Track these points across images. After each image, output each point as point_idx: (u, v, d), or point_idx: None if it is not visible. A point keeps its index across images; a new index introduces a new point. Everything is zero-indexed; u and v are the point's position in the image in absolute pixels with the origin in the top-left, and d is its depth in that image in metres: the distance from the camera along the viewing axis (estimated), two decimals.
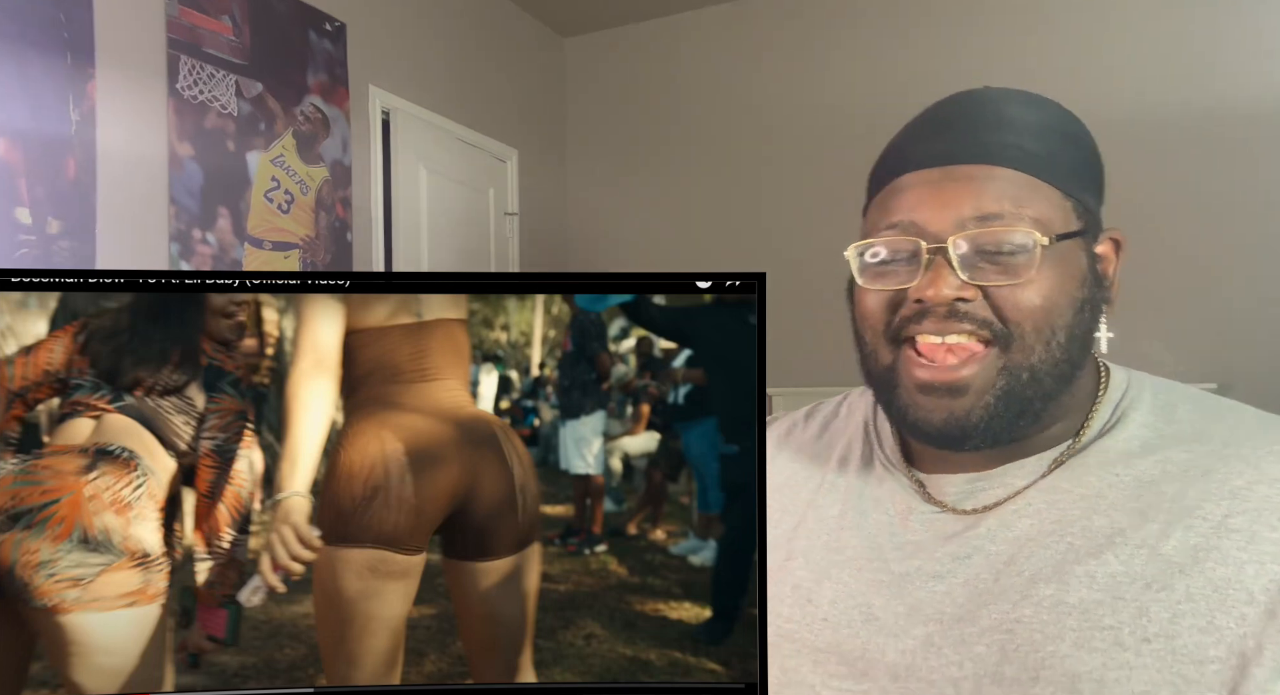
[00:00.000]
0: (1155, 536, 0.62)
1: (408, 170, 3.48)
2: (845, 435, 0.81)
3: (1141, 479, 0.66)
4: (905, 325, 0.66)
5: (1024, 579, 0.64)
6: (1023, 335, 0.64)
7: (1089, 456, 0.68)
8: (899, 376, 0.67)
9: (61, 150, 2.31)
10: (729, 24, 4.21)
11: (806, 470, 0.80)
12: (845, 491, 0.76)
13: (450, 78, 3.76)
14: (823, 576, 0.71)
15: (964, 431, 0.65)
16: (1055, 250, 0.64)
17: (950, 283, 0.64)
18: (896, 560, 0.70)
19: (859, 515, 0.74)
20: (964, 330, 0.64)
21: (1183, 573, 0.60)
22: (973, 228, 0.64)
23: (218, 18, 2.74)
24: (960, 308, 0.64)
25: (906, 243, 0.66)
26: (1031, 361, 0.65)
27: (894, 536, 0.71)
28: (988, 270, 0.64)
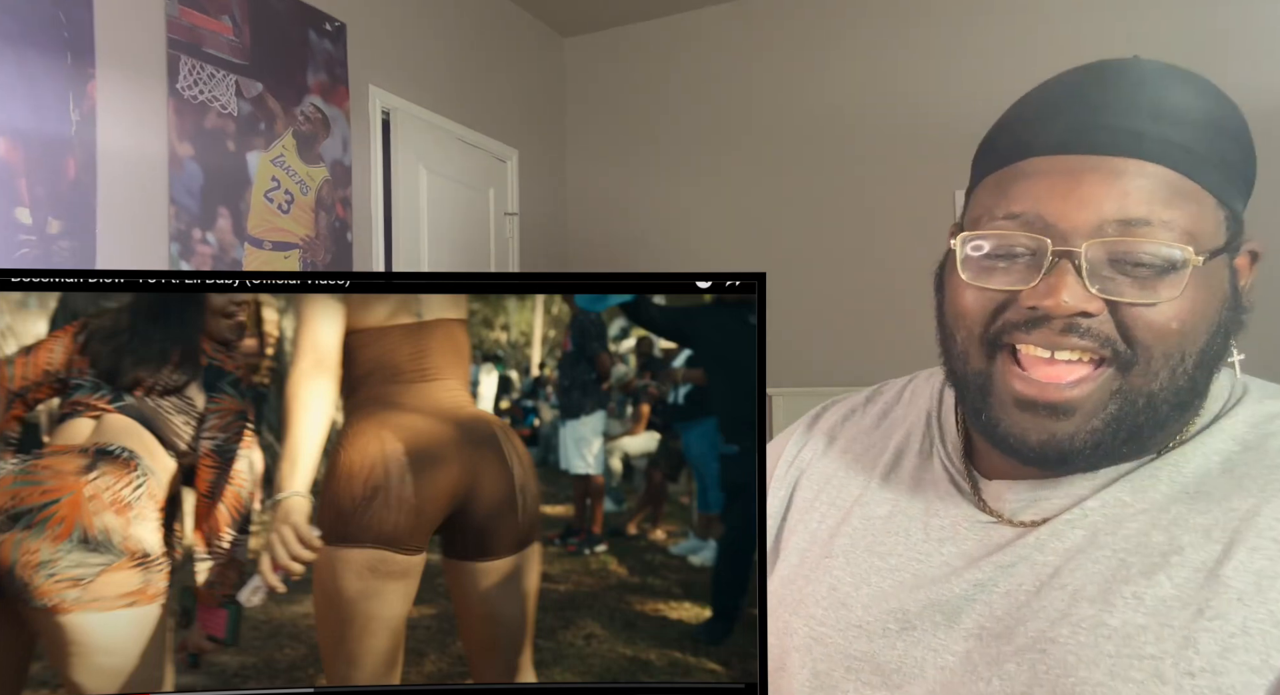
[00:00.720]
0: (1216, 558, 0.55)
1: (408, 170, 3.48)
2: (905, 425, 0.75)
3: (1213, 496, 0.58)
4: (1009, 331, 0.59)
5: (1066, 594, 0.58)
6: (1149, 360, 0.56)
7: (1160, 468, 0.60)
8: (994, 385, 0.60)
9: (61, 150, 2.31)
10: (729, 24, 4.21)
11: (859, 463, 0.75)
12: (896, 491, 0.71)
13: (450, 78, 3.76)
14: (861, 581, 0.67)
15: (1063, 456, 0.58)
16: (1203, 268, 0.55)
17: (1076, 293, 0.55)
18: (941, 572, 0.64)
19: (908, 519, 0.68)
20: (1080, 347, 0.56)
21: (1242, 601, 0.53)
22: (1113, 233, 0.55)
23: (218, 18, 2.74)
24: (1080, 322, 0.56)
25: (1028, 240, 0.57)
26: (1152, 388, 0.57)
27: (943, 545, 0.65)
28: (1121, 283, 0.55)
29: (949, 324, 0.63)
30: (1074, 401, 0.57)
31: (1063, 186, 0.56)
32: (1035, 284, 0.56)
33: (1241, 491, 0.57)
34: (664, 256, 4.25)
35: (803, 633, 0.68)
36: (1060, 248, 0.55)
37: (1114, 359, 0.56)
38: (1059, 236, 0.56)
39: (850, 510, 0.72)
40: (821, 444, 0.79)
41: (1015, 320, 0.58)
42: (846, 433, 0.78)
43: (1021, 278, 0.57)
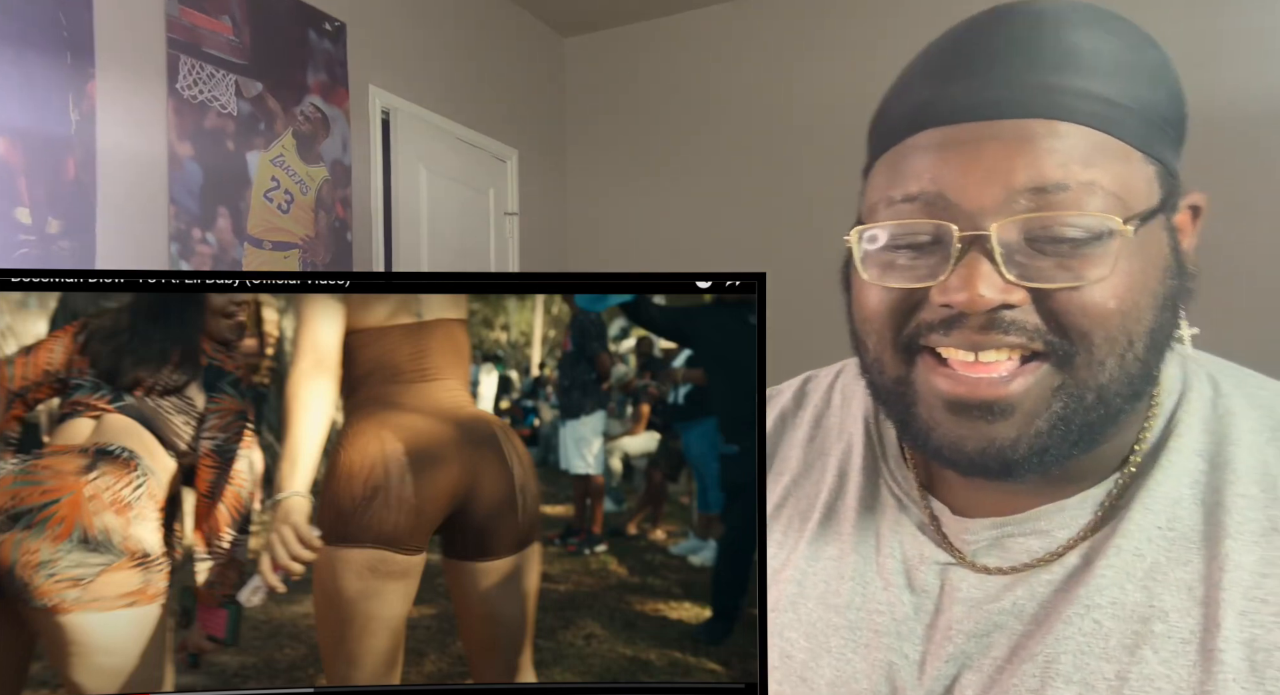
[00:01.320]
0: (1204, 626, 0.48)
1: (408, 170, 3.48)
2: (843, 437, 0.66)
3: (1189, 537, 0.50)
4: (925, 333, 0.51)
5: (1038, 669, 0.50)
6: (1090, 348, 0.48)
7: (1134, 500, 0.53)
8: (917, 391, 0.52)
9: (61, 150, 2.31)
10: (729, 24, 4.21)
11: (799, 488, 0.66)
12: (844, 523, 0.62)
13: (450, 78, 3.76)
14: (821, 649, 0.58)
15: (1006, 465, 0.50)
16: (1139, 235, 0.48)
17: (991, 283, 0.47)
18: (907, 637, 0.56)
19: (860, 560, 0.59)
20: (1007, 344, 0.48)
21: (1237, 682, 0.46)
22: (1025, 207, 0.47)
23: (218, 18, 2.74)
24: (1003, 315, 0.48)
25: (931, 226, 0.49)
26: (1101, 380, 0.48)
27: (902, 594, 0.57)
28: (1044, 265, 0.47)
29: (859, 329, 0.55)
30: (1011, 398, 0.49)
31: (962, 159, 0.48)
32: (945, 278, 0.48)
33: (1218, 530, 0.50)
34: (664, 256, 4.25)
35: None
36: (968, 232, 0.47)
37: (1049, 353, 0.48)
38: (965, 219, 0.48)
39: (796, 547, 0.63)
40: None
41: (930, 321, 0.50)
42: (782, 450, 0.69)
43: (929, 272, 0.49)
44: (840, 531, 0.62)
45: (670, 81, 4.35)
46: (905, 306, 0.51)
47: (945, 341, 0.50)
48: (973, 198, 0.48)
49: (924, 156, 0.50)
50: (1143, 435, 0.54)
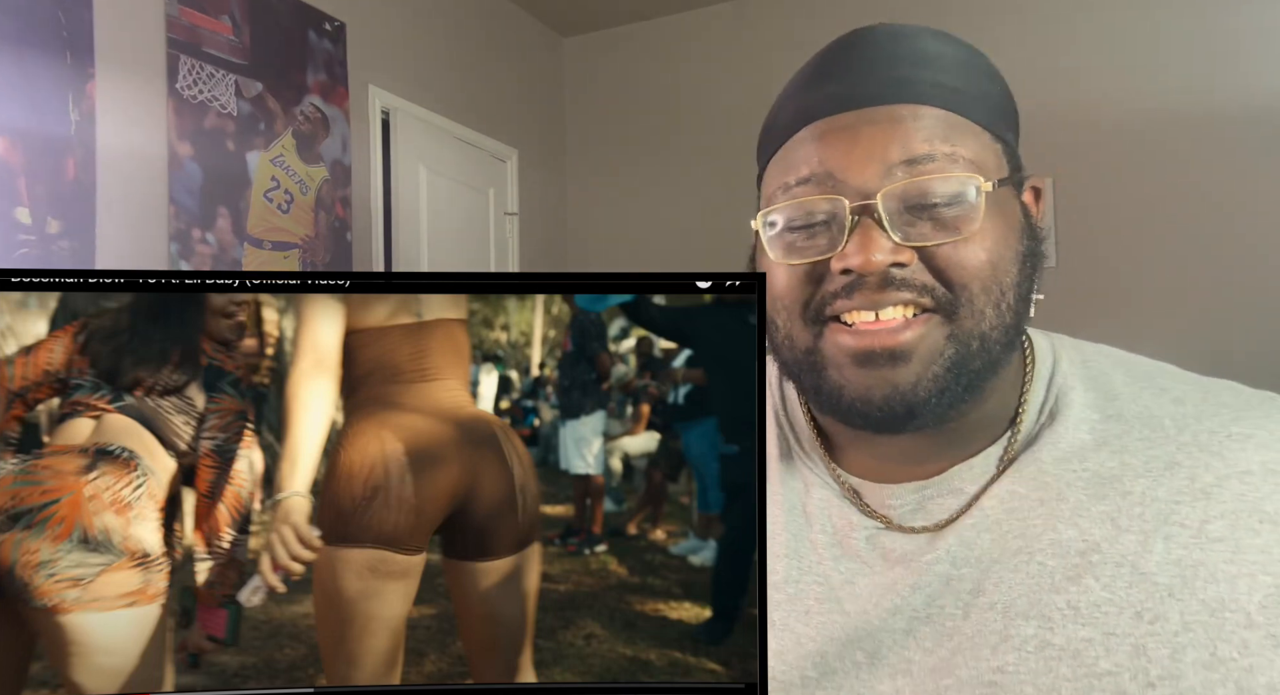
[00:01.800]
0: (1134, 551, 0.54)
1: (408, 170, 3.48)
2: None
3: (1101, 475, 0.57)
4: (830, 302, 0.57)
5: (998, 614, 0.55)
6: (970, 299, 0.55)
7: (1040, 450, 0.59)
8: (825, 356, 0.58)
9: (61, 150, 2.31)
10: (729, 24, 4.21)
11: None
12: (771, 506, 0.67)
13: (450, 78, 3.76)
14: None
15: (910, 408, 0.56)
16: (994, 198, 0.56)
17: (882, 246, 0.54)
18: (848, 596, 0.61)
19: (793, 537, 0.65)
20: (902, 300, 0.55)
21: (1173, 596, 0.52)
22: (902, 176, 0.55)
23: (218, 17, 2.74)
24: (895, 274, 0.55)
25: (825, 202, 0.56)
26: (982, 328, 0.56)
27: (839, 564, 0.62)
28: (924, 227, 0.55)
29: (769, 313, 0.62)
30: (910, 344, 0.55)
31: (845, 141, 0.56)
32: (843, 247, 0.55)
33: (1128, 471, 0.57)
34: (664, 256, 4.25)
35: None
36: (857, 203, 0.55)
37: (937, 307, 0.56)
38: (853, 193, 0.55)
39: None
40: None
41: (833, 289, 0.57)
42: None
43: (829, 245, 0.57)
44: (770, 514, 0.67)
45: (670, 81, 4.35)
46: (810, 280, 0.58)
47: (849, 304, 0.57)
48: (856, 174, 0.55)
49: (811, 145, 0.58)
50: (1025, 397, 0.62)
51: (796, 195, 0.58)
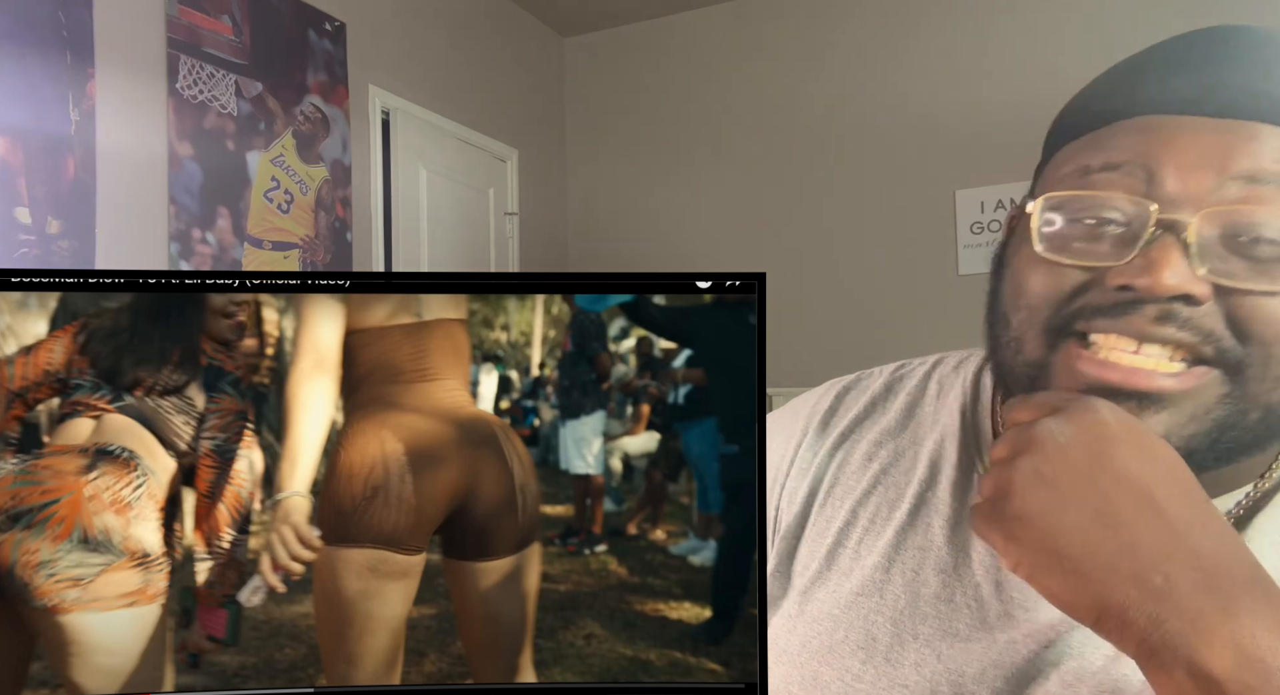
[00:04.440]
0: None
1: (408, 170, 3.48)
2: (937, 427, 0.65)
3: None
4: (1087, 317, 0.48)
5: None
6: (1267, 361, 0.46)
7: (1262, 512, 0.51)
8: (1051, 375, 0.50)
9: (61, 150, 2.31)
10: (729, 24, 4.21)
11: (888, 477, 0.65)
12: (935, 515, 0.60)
13: (450, 77, 3.76)
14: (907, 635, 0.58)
15: None
16: None
17: (1180, 271, 0.45)
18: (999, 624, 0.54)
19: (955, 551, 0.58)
20: (1175, 341, 0.46)
21: None
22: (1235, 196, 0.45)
23: (218, 17, 2.74)
24: (1180, 310, 0.45)
25: (1127, 202, 0.47)
26: (1269, 400, 0.46)
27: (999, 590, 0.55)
28: (1236, 266, 0.45)
29: (1004, 307, 0.53)
30: (1169, 392, 0.46)
31: (1177, 140, 0.46)
32: (1130, 258, 0.46)
33: None
34: (664, 256, 4.25)
35: (835, 687, 0.61)
36: (1166, 216, 0.45)
37: (1218, 360, 0.46)
38: (1166, 201, 0.46)
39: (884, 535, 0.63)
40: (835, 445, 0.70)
41: (1099, 303, 0.47)
42: (869, 434, 0.68)
43: (1111, 253, 0.47)
44: (930, 524, 0.61)
45: (670, 81, 4.35)
46: (1073, 287, 0.49)
47: (1109, 327, 0.47)
48: (1180, 178, 0.46)
49: (1135, 134, 0.48)
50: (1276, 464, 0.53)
51: (1096, 184, 0.48)
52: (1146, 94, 0.49)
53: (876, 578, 0.62)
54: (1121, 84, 0.51)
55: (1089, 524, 0.42)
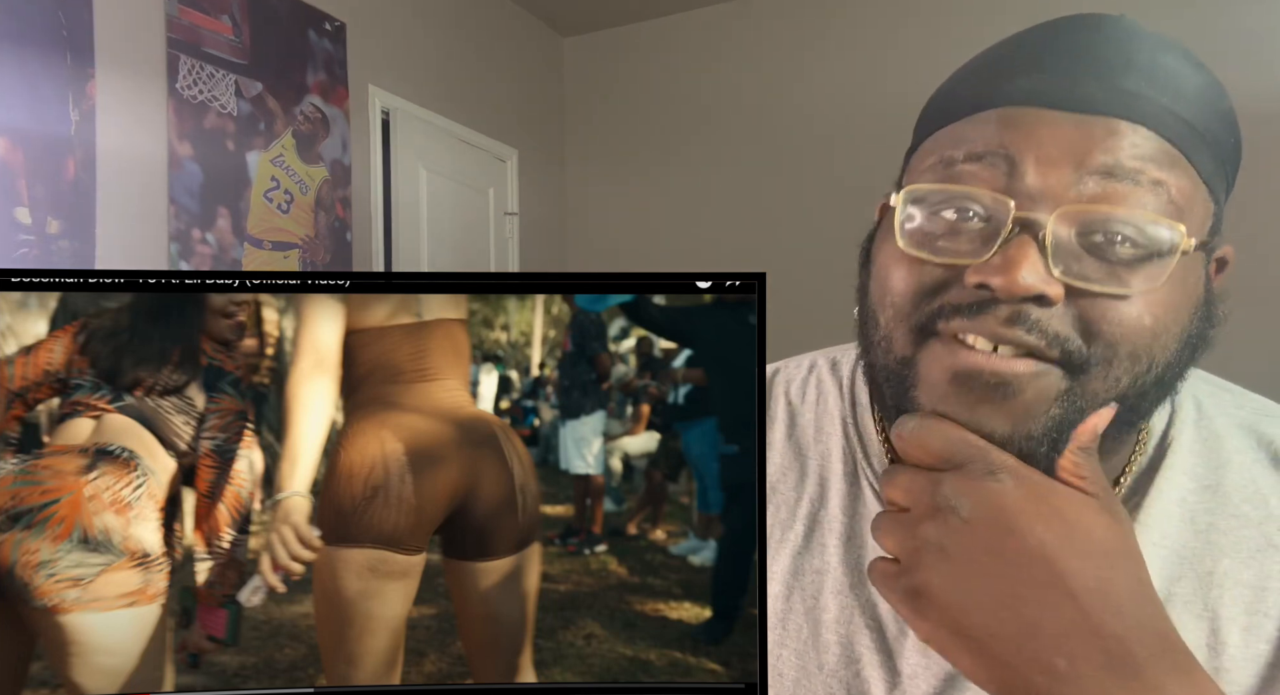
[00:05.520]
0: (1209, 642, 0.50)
1: (408, 170, 3.48)
2: (820, 440, 0.65)
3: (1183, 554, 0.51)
4: (947, 316, 0.48)
5: None
6: (1110, 362, 0.46)
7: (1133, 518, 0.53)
8: (919, 372, 0.50)
9: (61, 150, 2.31)
10: (729, 24, 4.21)
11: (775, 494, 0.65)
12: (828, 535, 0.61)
13: (450, 78, 3.76)
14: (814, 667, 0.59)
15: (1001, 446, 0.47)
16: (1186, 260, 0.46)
17: (1035, 270, 0.45)
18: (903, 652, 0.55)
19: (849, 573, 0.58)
20: (1025, 343, 0.46)
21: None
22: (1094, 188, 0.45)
23: (218, 17, 2.74)
24: (1032, 312, 0.46)
25: (986, 196, 0.47)
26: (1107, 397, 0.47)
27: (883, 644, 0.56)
28: (1090, 267, 0.46)
29: (872, 305, 0.53)
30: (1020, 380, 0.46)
31: (1039, 133, 0.46)
32: (989, 257, 0.46)
33: (1212, 549, 0.51)
34: (664, 256, 4.25)
35: None
36: (1024, 213, 0.45)
37: (1064, 360, 0.47)
38: (1025, 196, 0.46)
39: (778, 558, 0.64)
40: None
41: (956, 302, 0.47)
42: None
43: (970, 250, 0.47)
44: (825, 544, 0.62)
45: (670, 81, 4.35)
46: (933, 283, 0.49)
47: (966, 327, 0.47)
48: (1040, 172, 0.46)
49: (997, 125, 0.48)
50: (1135, 457, 0.55)
51: (959, 176, 0.48)
52: (1011, 85, 0.49)
53: (778, 607, 0.62)
54: (986, 73, 0.51)
55: (993, 604, 0.42)
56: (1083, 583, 0.41)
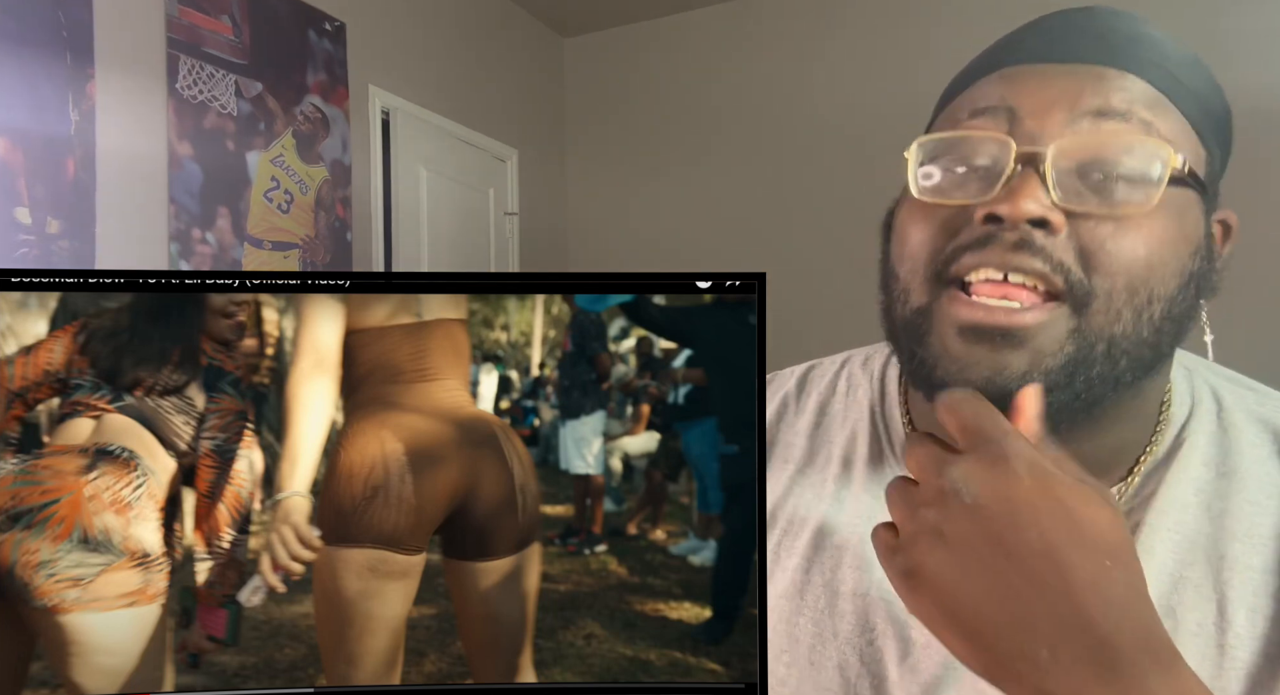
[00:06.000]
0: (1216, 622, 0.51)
1: (408, 170, 3.48)
2: (848, 424, 0.68)
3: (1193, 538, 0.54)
4: (960, 255, 0.51)
5: None
6: (1110, 294, 0.49)
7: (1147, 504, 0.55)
8: (933, 320, 0.53)
9: (61, 150, 2.31)
10: (729, 24, 4.21)
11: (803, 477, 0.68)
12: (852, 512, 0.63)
13: (450, 78, 3.76)
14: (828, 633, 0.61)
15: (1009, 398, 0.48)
16: (1176, 196, 0.49)
17: (1038, 196, 0.48)
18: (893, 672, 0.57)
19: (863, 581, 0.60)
20: (1033, 270, 0.49)
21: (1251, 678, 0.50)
22: (1087, 127, 0.50)
23: (217, 17, 2.74)
24: (1036, 238, 0.49)
25: (990, 142, 0.51)
26: (1114, 332, 0.49)
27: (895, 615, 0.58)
28: (1089, 198, 0.49)
29: (892, 265, 0.57)
30: (1027, 329, 0.49)
31: (1035, 82, 0.52)
32: (994, 192, 0.50)
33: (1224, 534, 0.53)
34: (664, 256, 4.25)
35: None
36: (1025, 148, 0.50)
37: (1068, 293, 0.49)
38: (1025, 136, 0.50)
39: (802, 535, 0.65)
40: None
41: (968, 241, 0.51)
42: (783, 436, 0.70)
43: (979, 192, 0.51)
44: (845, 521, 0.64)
45: (670, 81, 4.35)
46: (945, 231, 0.53)
47: (978, 259, 0.50)
48: (1038, 116, 0.51)
49: (996, 83, 0.54)
50: (1152, 447, 0.56)
51: (966, 128, 0.53)
52: (1008, 53, 0.55)
53: (797, 579, 0.64)
54: (991, 49, 0.58)
55: (984, 593, 0.43)
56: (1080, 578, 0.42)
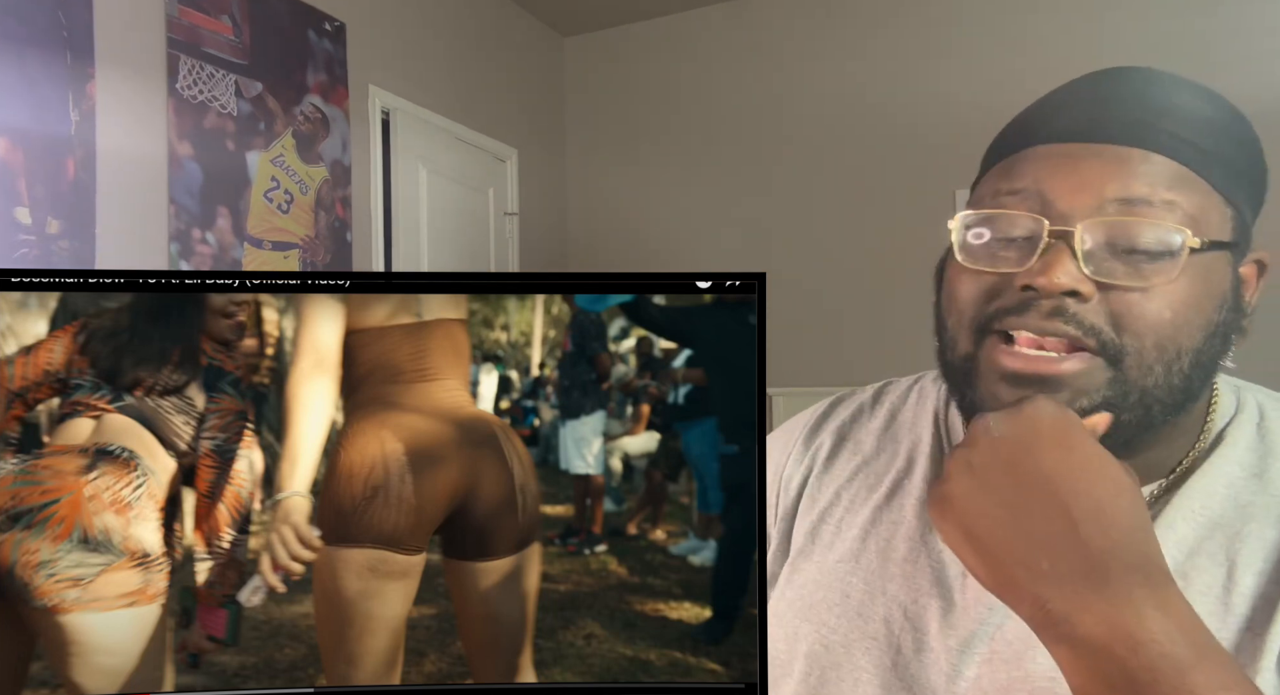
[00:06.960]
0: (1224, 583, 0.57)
1: (408, 170, 3.48)
2: (915, 428, 0.74)
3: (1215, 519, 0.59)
4: (1000, 317, 0.58)
5: None
6: (1141, 351, 0.55)
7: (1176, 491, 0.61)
8: (979, 366, 0.59)
9: (61, 150, 2.31)
10: (729, 23, 4.21)
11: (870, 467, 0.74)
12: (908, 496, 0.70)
13: (450, 78, 3.76)
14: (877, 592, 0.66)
15: None
16: (1201, 259, 0.55)
17: (1069, 271, 0.54)
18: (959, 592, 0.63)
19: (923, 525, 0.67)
20: (1065, 333, 0.55)
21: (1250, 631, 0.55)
22: (1112, 213, 0.55)
23: (217, 17, 2.74)
24: (1069, 306, 0.55)
25: (1026, 219, 0.57)
26: (1145, 385, 0.55)
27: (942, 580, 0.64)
28: (1115, 267, 0.55)
29: (943, 313, 0.63)
30: (1064, 376, 0.55)
31: (1065, 167, 0.57)
32: (1031, 264, 0.56)
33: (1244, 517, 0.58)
34: (664, 256, 4.25)
35: (811, 639, 0.68)
36: (1057, 228, 0.55)
37: (1101, 350, 0.55)
38: (1057, 216, 0.56)
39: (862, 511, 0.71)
40: (830, 443, 0.78)
41: (1007, 305, 0.57)
42: (856, 434, 0.77)
43: (1018, 260, 0.57)
44: (903, 503, 0.70)
45: (670, 81, 4.35)
46: (990, 291, 0.59)
47: (1018, 323, 0.57)
48: (1067, 200, 0.56)
49: (1033, 163, 0.59)
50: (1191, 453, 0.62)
51: (1003, 204, 0.58)
52: (1045, 128, 0.60)
53: (854, 547, 0.70)
54: (1030, 118, 0.62)
55: (998, 511, 0.50)
56: (1081, 503, 0.49)
